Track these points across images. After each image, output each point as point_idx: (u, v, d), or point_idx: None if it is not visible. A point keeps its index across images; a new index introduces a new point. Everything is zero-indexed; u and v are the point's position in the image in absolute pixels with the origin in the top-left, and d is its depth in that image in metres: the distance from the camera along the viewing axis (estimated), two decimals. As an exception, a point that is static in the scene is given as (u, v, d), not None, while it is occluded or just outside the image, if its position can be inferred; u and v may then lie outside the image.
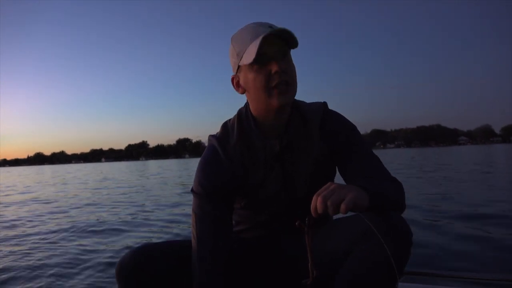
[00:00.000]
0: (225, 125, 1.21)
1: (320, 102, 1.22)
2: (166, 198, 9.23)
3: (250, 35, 1.04)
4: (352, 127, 1.19)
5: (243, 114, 1.18)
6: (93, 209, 7.84)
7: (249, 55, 1.02)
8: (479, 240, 3.85)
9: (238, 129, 1.17)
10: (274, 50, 1.03)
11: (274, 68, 1.02)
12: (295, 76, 1.09)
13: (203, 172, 1.16)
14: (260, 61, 1.03)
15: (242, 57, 1.06)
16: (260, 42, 0.99)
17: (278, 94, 1.05)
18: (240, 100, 1.23)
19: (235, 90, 1.15)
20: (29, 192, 12.86)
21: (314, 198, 0.87)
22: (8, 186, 17.11)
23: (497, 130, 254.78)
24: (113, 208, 7.79)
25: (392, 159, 30.81)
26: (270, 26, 1.03)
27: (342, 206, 0.83)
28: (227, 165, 1.15)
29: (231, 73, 1.14)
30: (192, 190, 1.17)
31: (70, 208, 8.07)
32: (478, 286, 1.40)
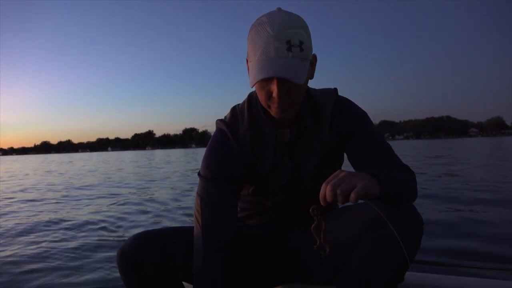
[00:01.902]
0: (234, 110, 1.18)
1: (331, 89, 1.19)
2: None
3: (260, 48, 0.95)
4: (363, 115, 1.17)
5: (254, 99, 1.15)
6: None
7: (251, 77, 0.97)
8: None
9: (248, 115, 1.13)
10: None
11: (273, 93, 0.98)
12: (300, 95, 1.02)
13: (212, 156, 1.13)
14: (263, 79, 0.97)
15: (250, 63, 1.00)
16: (258, 80, 0.93)
17: (275, 113, 1.03)
18: (245, 90, 1.22)
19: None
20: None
21: (323, 186, 0.85)
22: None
23: (508, 122, 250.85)
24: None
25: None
26: (288, 40, 0.93)
27: (353, 195, 0.81)
28: (237, 150, 1.12)
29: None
30: (199, 174, 1.14)
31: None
32: (481, 275, 1.42)
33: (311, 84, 1.13)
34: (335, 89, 1.19)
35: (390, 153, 1.11)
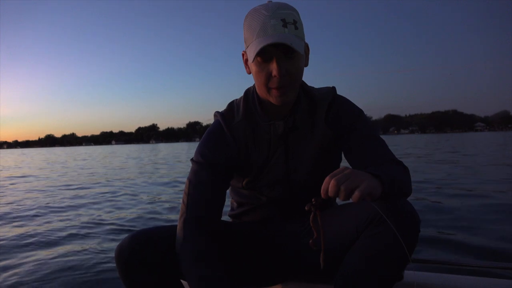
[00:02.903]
0: (231, 104, 1.22)
1: (329, 87, 1.21)
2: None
3: (257, 28, 1.00)
4: (358, 112, 1.18)
5: (250, 93, 1.18)
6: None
7: (251, 54, 1.01)
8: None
9: (244, 108, 1.17)
10: (277, 50, 1.00)
11: (273, 70, 1.01)
12: (299, 75, 1.07)
13: (206, 143, 1.16)
14: (262, 56, 1.01)
15: (247, 47, 1.04)
16: (259, 50, 0.98)
17: (276, 95, 1.05)
18: (250, 84, 1.21)
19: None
20: None
21: (327, 179, 0.85)
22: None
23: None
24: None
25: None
26: (283, 18, 0.99)
27: (357, 194, 0.81)
28: (231, 141, 1.15)
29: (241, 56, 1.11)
30: (192, 160, 1.17)
31: None
32: (479, 274, 1.44)
33: (310, 80, 1.16)
34: (333, 87, 1.21)
35: (384, 149, 1.13)
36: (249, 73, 1.11)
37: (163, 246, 1.05)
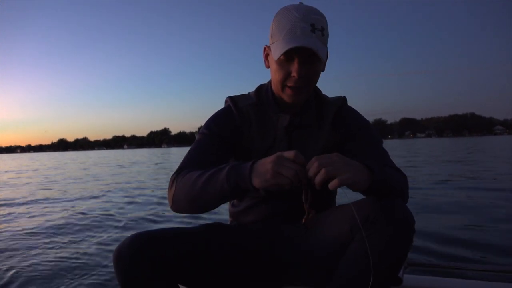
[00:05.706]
0: (244, 94, 1.28)
1: (340, 96, 1.26)
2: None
3: (287, 28, 1.04)
4: (365, 122, 1.23)
5: (264, 87, 1.25)
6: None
7: (276, 52, 1.06)
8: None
9: (255, 96, 1.23)
10: (300, 53, 1.04)
11: (293, 71, 1.06)
12: (316, 79, 1.12)
13: (213, 119, 1.22)
14: (286, 56, 1.05)
15: (273, 43, 1.09)
16: (284, 52, 1.02)
17: (290, 94, 1.10)
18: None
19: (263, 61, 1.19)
20: None
21: (313, 159, 0.87)
22: None
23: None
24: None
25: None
26: (313, 23, 1.03)
27: (335, 181, 0.82)
28: (237, 119, 1.20)
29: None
30: (197, 133, 1.22)
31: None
32: (481, 277, 1.46)
33: (324, 79, 1.18)
34: (344, 97, 1.26)
35: (385, 157, 1.15)
36: (268, 67, 1.17)
37: (163, 249, 1.02)
